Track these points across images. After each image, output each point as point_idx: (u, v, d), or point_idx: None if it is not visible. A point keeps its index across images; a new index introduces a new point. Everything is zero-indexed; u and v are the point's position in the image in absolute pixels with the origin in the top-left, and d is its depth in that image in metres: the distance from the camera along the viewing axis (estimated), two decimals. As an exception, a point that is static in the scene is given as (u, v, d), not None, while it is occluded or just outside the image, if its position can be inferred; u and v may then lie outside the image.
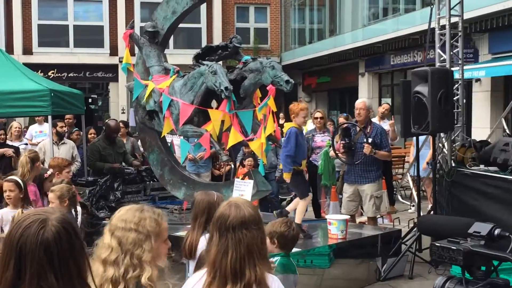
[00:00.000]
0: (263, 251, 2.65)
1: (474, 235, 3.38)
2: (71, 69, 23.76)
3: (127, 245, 2.54)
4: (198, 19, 23.95)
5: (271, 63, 7.29)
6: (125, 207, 2.70)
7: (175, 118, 7.70)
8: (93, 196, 8.32)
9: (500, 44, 13.85)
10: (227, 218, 2.64)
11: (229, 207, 2.68)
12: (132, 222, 2.60)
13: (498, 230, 3.37)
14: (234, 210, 2.65)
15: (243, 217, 2.63)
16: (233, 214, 2.64)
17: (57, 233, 1.92)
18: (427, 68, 7.09)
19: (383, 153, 7.75)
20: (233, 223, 2.61)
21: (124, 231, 2.58)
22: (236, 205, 2.68)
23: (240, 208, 2.66)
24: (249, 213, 2.66)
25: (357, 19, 20.00)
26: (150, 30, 8.32)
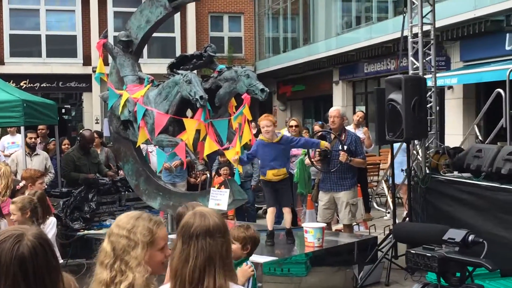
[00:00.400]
0: (227, 261, 2.62)
1: (448, 241, 3.41)
2: (43, 79, 23.52)
3: (118, 251, 2.61)
4: (172, 28, 23.90)
5: (246, 71, 7.30)
6: (126, 213, 2.76)
7: (150, 127, 7.66)
8: (67, 207, 8.21)
9: (471, 52, 14.05)
10: (191, 226, 2.61)
11: (194, 216, 2.65)
12: (125, 228, 2.65)
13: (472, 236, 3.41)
14: (199, 219, 2.62)
15: (207, 226, 2.60)
16: (197, 222, 2.61)
17: (33, 248, 1.93)
18: (400, 76, 7.16)
19: (359, 161, 7.79)
20: (197, 231, 2.58)
21: (118, 236, 2.64)
22: (201, 214, 2.66)
23: (205, 216, 2.64)
24: (214, 222, 2.62)
25: (331, 28, 20.15)
26: (124, 39, 8.27)
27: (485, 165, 6.77)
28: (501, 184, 6.50)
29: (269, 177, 6.94)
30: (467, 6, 13.01)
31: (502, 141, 8.00)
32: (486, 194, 6.69)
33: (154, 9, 8.16)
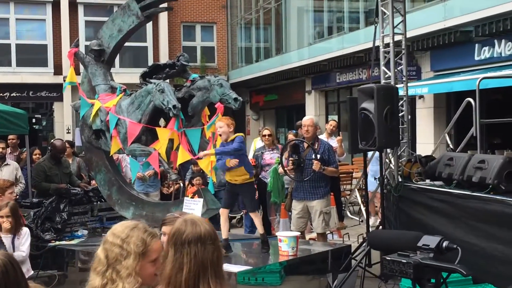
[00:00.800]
0: (218, 268, 2.65)
1: (423, 248, 3.44)
2: (13, 89, 23.21)
3: (110, 259, 2.63)
4: (145, 37, 23.81)
5: (219, 81, 7.30)
6: (123, 222, 2.78)
7: (123, 137, 7.61)
8: (38, 218, 8.09)
9: (441, 62, 14.24)
10: (183, 233, 2.62)
11: (185, 223, 2.67)
12: (120, 237, 2.67)
13: (446, 243, 3.44)
14: (190, 226, 2.64)
15: (199, 233, 2.62)
16: (189, 229, 2.63)
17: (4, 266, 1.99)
18: (373, 85, 7.22)
19: (332, 169, 7.83)
20: (189, 238, 2.60)
21: (111, 245, 2.66)
22: (192, 221, 2.68)
23: (196, 224, 2.66)
24: (205, 229, 2.65)
25: (303, 38, 20.27)
26: (96, 48, 8.21)
27: (457, 173, 6.84)
28: (472, 192, 6.57)
29: (228, 178, 6.91)
30: (437, 17, 13.20)
31: (472, 149, 8.11)
32: (457, 202, 6.76)
33: (126, 18, 8.12)
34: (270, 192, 9.14)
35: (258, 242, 7.27)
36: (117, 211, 8.47)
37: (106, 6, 23.91)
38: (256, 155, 9.71)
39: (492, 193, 6.29)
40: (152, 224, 7.90)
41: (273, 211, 9.59)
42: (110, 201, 8.47)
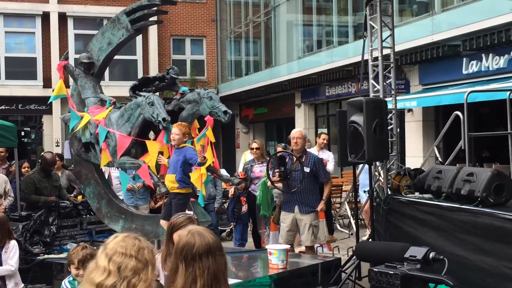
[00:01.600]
0: (226, 276, 2.68)
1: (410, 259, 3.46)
2: (2, 102, 23.10)
3: (126, 272, 2.50)
4: (134, 50, 23.82)
5: (208, 94, 7.33)
6: (121, 234, 2.67)
7: (112, 150, 7.60)
8: (27, 231, 8.04)
9: (429, 75, 14.35)
10: (192, 246, 2.62)
11: (192, 236, 2.67)
12: (133, 249, 2.56)
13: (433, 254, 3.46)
14: (199, 238, 2.65)
15: (208, 244, 2.64)
16: (198, 242, 2.64)
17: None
18: (362, 98, 7.26)
19: (328, 191, 7.92)
20: (199, 251, 2.61)
21: (124, 257, 2.53)
22: (199, 233, 2.68)
23: (204, 235, 2.67)
24: (212, 239, 2.68)
25: (292, 51, 20.36)
26: (85, 61, 8.22)
27: (445, 186, 6.87)
28: (461, 205, 6.60)
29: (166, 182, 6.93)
30: (425, 31, 13.32)
31: (461, 162, 8.16)
32: (446, 214, 6.78)
33: (116, 31, 8.15)
34: (259, 205, 9.14)
35: (248, 255, 7.26)
36: (106, 224, 8.45)
37: (95, 19, 23.93)
38: (246, 168, 9.71)
39: (481, 206, 6.32)
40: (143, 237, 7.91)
41: (263, 224, 9.58)
42: (100, 214, 8.44)
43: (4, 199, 9.05)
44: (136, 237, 2.64)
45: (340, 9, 18.31)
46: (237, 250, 8.77)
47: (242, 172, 9.67)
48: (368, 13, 8.37)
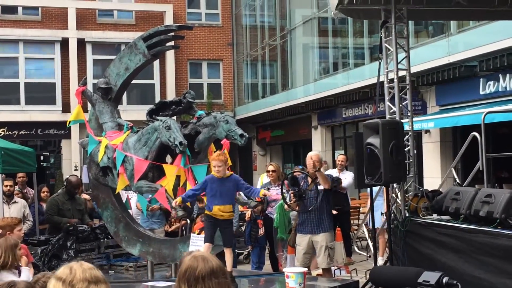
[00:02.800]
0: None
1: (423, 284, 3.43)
2: (22, 127, 23.39)
3: None
4: (152, 75, 24.05)
5: (225, 117, 7.36)
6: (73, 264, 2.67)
7: (129, 174, 7.64)
8: (45, 255, 8.09)
9: (446, 96, 14.30)
10: (195, 269, 2.65)
11: (195, 259, 2.70)
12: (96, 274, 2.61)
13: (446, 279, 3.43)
14: (202, 261, 2.68)
15: (211, 267, 2.66)
16: (201, 265, 2.66)
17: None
18: (378, 120, 7.26)
19: (324, 175, 7.78)
20: (202, 274, 2.63)
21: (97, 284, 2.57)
22: (202, 257, 2.72)
23: (207, 259, 2.70)
24: (216, 263, 2.70)
25: (308, 74, 20.42)
26: (103, 86, 8.31)
27: (464, 208, 6.82)
28: (480, 226, 6.55)
29: (215, 212, 6.85)
30: (441, 52, 13.31)
31: (479, 183, 8.10)
32: (465, 236, 6.73)
33: (133, 57, 8.23)
34: (276, 228, 9.12)
35: (265, 278, 7.23)
36: (124, 247, 8.46)
37: (113, 44, 24.23)
38: (263, 191, 9.70)
39: (500, 228, 6.26)
40: (160, 260, 7.91)
41: (280, 247, 9.54)
42: (117, 238, 8.47)
43: (23, 224, 9.13)
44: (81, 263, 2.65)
45: (355, 31, 18.37)
46: (255, 273, 8.73)
47: (259, 195, 9.65)
48: (384, 35, 8.40)
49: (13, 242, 5.90)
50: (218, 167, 6.72)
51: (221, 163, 6.73)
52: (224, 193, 6.77)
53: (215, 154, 6.95)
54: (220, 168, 6.72)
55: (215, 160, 6.80)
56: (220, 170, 6.72)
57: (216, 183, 6.79)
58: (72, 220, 9.03)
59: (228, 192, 6.80)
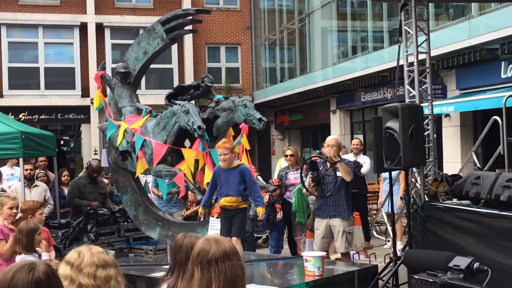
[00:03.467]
0: (244, 282, 2.69)
1: (453, 268, 3.41)
2: (42, 111, 23.58)
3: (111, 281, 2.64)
4: (170, 59, 24.07)
5: (243, 101, 7.35)
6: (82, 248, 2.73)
7: (149, 158, 7.68)
8: (66, 238, 8.19)
9: (467, 80, 14.15)
10: (208, 252, 2.66)
11: (208, 242, 2.71)
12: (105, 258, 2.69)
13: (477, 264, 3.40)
14: (214, 244, 2.69)
15: (224, 250, 2.67)
16: (213, 247, 2.67)
17: (47, 273, 2.17)
18: (397, 104, 7.19)
19: (346, 167, 7.73)
20: (215, 256, 2.64)
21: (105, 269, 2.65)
22: (215, 240, 2.73)
23: (220, 242, 2.71)
24: (229, 246, 2.71)
25: (327, 58, 20.30)
26: (122, 71, 8.34)
27: (484, 192, 6.76)
28: (501, 211, 6.49)
29: (222, 203, 6.83)
30: (462, 35, 13.14)
31: (500, 167, 8.01)
32: (485, 221, 6.67)
33: (152, 41, 8.24)
34: (295, 212, 9.13)
35: (284, 262, 7.25)
36: (143, 231, 8.53)
37: (132, 29, 24.28)
38: (280, 175, 9.71)
39: (521, 212, 6.21)
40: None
41: (299, 231, 9.56)
42: (137, 221, 8.53)
43: (44, 207, 9.23)
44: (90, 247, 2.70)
45: (375, 15, 18.21)
46: (273, 257, 8.76)
47: (277, 179, 9.67)
48: (403, 18, 8.30)
49: (33, 226, 5.96)
50: (223, 155, 6.61)
51: (227, 150, 6.60)
52: (230, 185, 6.71)
53: (220, 142, 6.84)
54: (226, 157, 6.60)
55: (220, 148, 6.66)
56: (226, 158, 6.61)
57: (222, 174, 6.76)
58: (93, 203, 9.16)
59: (233, 183, 6.71)
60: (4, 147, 8.84)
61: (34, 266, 2.19)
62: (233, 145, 6.79)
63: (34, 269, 2.18)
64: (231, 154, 6.66)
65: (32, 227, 5.92)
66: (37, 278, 2.16)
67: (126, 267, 7.31)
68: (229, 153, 6.62)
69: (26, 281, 2.14)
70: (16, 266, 2.22)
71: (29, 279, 2.15)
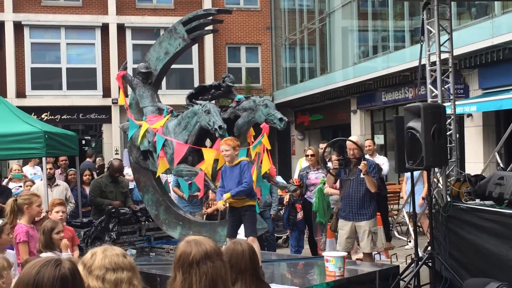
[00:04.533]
0: (227, 282, 2.69)
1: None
2: (64, 112, 23.80)
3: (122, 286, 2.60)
4: (190, 59, 24.15)
5: (264, 101, 7.35)
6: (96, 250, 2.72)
7: (170, 157, 7.71)
8: (88, 237, 8.25)
9: (490, 79, 14.00)
10: (189, 254, 2.66)
11: (189, 245, 2.71)
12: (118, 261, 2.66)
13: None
14: (195, 246, 2.69)
15: (205, 251, 2.66)
16: (194, 249, 2.67)
17: (73, 270, 2.20)
18: (419, 104, 7.14)
19: (372, 180, 7.68)
20: (196, 258, 2.64)
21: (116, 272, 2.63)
22: (195, 241, 2.73)
23: (200, 243, 2.71)
24: (210, 246, 2.71)
25: (348, 57, 20.23)
26: (143, 71, 8.38)
27: (508, 193, 6.69)
28: (525, 212, 6.42)
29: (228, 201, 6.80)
30: (485, 34, 13.01)
31: (524, 168, 7.93)
32: (509, 221, 6.60)
33: (173, 41, 8.27)
34: (315, 212, 9.11)
35: (304, 262, 7.23)
36: (164, 230, 8.57)
37: (153, 29, 24.41)
38: (301, 175, 9.70)
39: (545, 213, 6.13)
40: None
41: (319, 231, 9.54)
42: (158, 221, 8.57)
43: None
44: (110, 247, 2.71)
45: (396, 14, 18.10)
46: (293, 257, 8.75)
47: (297, 179, 9.65)
48: (425, 17, 8.24)
49: (50, 225, 5.95)
50: (225, 151, 6.64)
51: (228, 147, 6.61)
52: (233, 181, 6.69)
53: (224, 139, 6.86)
54: (228, 153, 6.62)
55: (223, 144, 6.69)
56: (227, 154, 6.63)
57: (227, 171, 6.78)
58: (114, 202, 9.21)
59: (235, 180, 6.67)
60: (28, 147, 8.93)
61: (60, 262, 2.20)
62: (236, 143, 6.76)
63: (60, 265, 2.19)
64: (232, 151, 6.65)
65: (49, 226, 5.92)
66: (62, 274, 2.17)
67: (147, 266, 7.35)
68: (230, 149, 6.62)
69: (52, 276, 2.15)
70: (42, 261, 2.23)
71: (55, 275, 2.16)
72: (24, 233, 6.10)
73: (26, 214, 6.33)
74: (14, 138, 8.84)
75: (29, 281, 2.15)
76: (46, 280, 2.13)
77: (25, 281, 2.16)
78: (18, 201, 6.36)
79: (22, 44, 23.51)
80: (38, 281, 2.13)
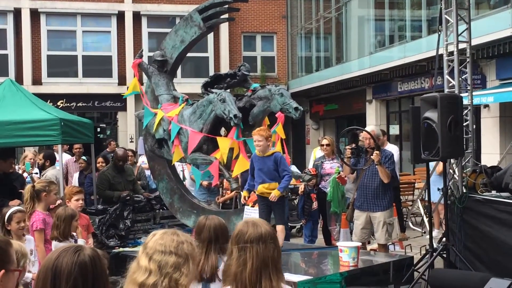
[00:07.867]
0: (278, 264, 2.92)
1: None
2: (80, 99, 23.92)
3: (167, 269, 2.60)
4: (206, 48, 24.13)
5: (279, 90, 7.33)
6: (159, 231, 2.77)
7: (184, 146, 7.72)
8: (103, 225, 8.30)
9: (507, 70, 13.85)
10: (245, 233, 2.93)
11: (246, 225, 2.98)
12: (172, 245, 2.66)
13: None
14: (252, 227, 2.95)
15: (260, 233, 2.92)
16: (250, 230, 2.93)
17: (93, 257, 2.23)
18: (436, 94, 7.08)
19: (385, 171, 7.64)
20: (251, 238, 2.90)
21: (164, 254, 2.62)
22: (253, 223, 2.98)
23: (257, 225, 2.96)
24: (265, 229, 2.95)
25: (364, 47, 20.10)
26: (159, 59, 8.38)
27: (524, 185, 6.64)
28: (541, 204, 6.36)
29: (260, 191, 6.86)
30: (503, 24, 12.86)
31: (541, 160, 7.85)
32: (525, 214, 6.55)
33: (189, 29, 8.26)
34: (330, 201, 9.08)
35: (318, 252, 7.22)
36: (178, 219, 8.59)
37: (168, 17, 24.40)
38: (316, 165, 9.67)
39: (563, 206, 6.07)
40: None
41: (333, 221, 9.51)
42: (172, 209, 8.60)
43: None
44: (174, 232, 2.73)
45: (413, 3, 17.94)
46: (307, 247, 8.75)
47: (313, 169, 9.63)
48: (444, 7, 8.15)
49: (71, 212, 6.02)
50: (257, 141, 6.68)
51: (261, 137, 6.65)
52: (265, 171, 6.76)
53: (257, 129, 6.89)
54: (260, 143, 6.65)
55: (256, 135, 6.73)
56: (259, 145, 6.66)
57: (258, 161, 6.81)
58: (123, 193, 9.17)
59: (270, 170, 6.76)
60: (43, 134, 8.96)
61: (81, 249, 2.25)
62: (269, 133, 6.79)
63: (80, 251, 2.23)
64: (265, 142, 6.68)
65: (70, 213, 5.98)
66: (81, 260, 2.20)
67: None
68: (263, 140, 6.65)
69: (71, 261, 2.19)
70: (64, 247, 2.28)
71: (74, 260, 2.19)
72: (41, 220, 6.13)
73: (43, 201, 6.35)
74: (30, 125, 8.87)
75: (49, 265, 2.20)
76: (65, 266, 2.17)
77: (46, 266, 2.22)
78: (36, 187, 6.38)
79: (38, 32, 23.60)
80: (57, 266, 2.18)
